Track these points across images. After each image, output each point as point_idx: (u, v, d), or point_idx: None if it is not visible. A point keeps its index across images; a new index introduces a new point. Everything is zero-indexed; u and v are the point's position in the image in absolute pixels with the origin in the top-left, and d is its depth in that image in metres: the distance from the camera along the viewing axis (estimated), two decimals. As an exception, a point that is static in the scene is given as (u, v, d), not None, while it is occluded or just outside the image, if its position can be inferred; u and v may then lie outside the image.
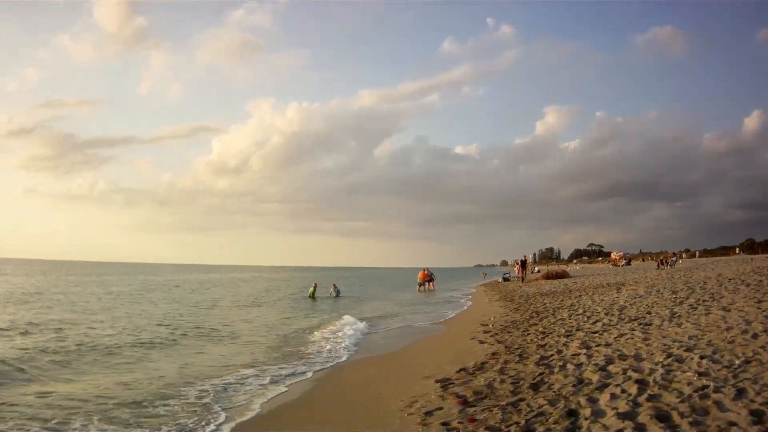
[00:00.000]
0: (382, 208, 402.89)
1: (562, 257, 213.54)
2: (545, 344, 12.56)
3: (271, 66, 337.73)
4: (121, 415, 8.26)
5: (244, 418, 8.35)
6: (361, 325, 21.55)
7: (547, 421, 6.47)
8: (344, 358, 14.08)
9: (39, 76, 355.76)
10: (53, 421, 7.85)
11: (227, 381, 10.93)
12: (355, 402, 9.01)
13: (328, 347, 15.76)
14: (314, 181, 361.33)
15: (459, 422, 6.76)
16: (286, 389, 10.39)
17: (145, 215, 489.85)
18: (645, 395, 7.18)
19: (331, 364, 13.14)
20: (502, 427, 6.39)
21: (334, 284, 43.17)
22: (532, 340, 13.42)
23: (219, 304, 33.89)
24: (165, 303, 33.12)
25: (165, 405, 9.04)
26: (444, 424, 6.76)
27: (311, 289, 40.91)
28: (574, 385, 8.17)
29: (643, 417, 6.34)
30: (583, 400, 7.23)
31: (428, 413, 7.38)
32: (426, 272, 49.97)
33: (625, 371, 8.85)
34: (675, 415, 6.31)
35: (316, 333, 19.06)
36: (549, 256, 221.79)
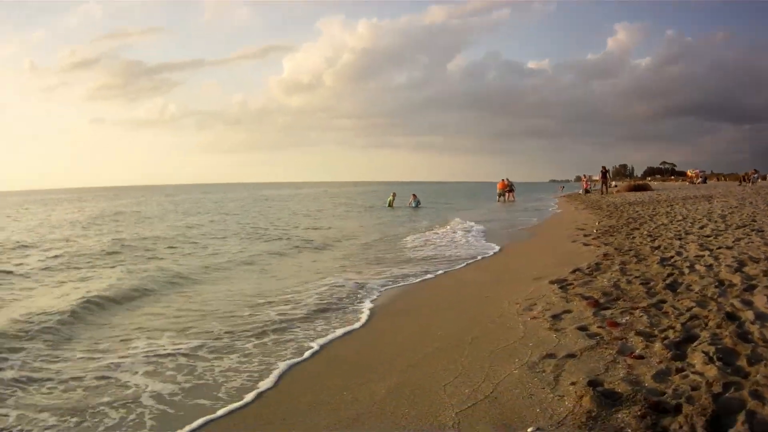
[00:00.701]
0: (455, 123, 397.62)
1: (635, 174, 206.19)
2: (658, 246, 11.32)
3: None
4: (212, 328, 7.45)
5: (355, 325, 7.41)
6: (471, 225, 21.26)
7: (706, 325, 5.37)
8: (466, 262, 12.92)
9: (100, 8, 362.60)
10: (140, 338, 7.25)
11: (335, 284, 10.21)
12: (467, 306, 8.01)
13: (427, 252, 14.85)
14: (387, 96, 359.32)
15: (599, 327, 5.65)
16: (378, 295, 9.48)
17: (217, 136, 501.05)
18: (805, 300, 6.04)
19: (436, 271, 11.84)
20: (655, 332, 5.30)
21: (414, 194, 41.86)
22: (641, 243, 12.18)
23: (306, 215, 33.99)
24: (256, 216, 33.56)
25: (272, 306, 8.51)
26: (581, 329, 5.70)
27: (390, 199, 40.35)
28: (716, 287, 7.02)
29: (819, 323, 5.22)
30: (736, 303, 6.10)
31: (555, 317, 6.31)
32: (505, 182, 48.07)
33: (765, 273, 7.69)
34: None
35: (409, 237, 18.47)
36: (623, 172, 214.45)
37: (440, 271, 11.66)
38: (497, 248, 14.90)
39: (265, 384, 5.28)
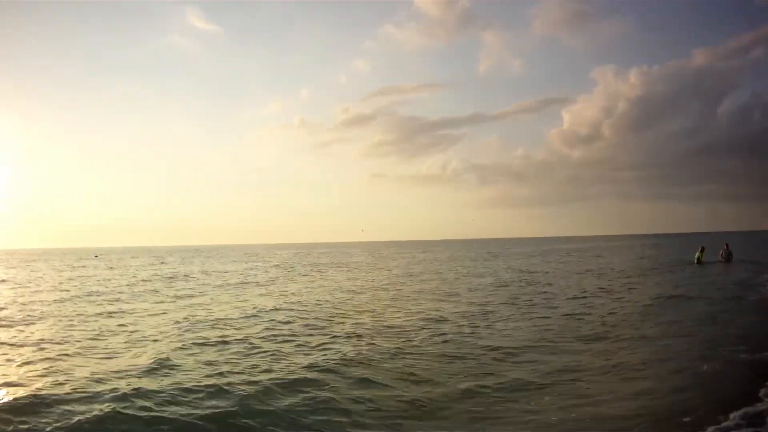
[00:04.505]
0: (728, 170, 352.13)
1: None
2: None
3: (603, 32, 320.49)
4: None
5: None
6: None
7: None
8: None
9: (370, 66, 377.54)
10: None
11: None
12: None
13: None
14: (662, 145, 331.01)
15: None
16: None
17: (500, 191, 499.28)
18: None
19: None
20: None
21: (727, 244, 37.03)
22: None
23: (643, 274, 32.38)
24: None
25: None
26: None
27: (698, 254, 35.99)
28: None
29: None
30: None
31: None
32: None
33: None
34: None
35: None
36: None
37: None
38: None
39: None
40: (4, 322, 15.86)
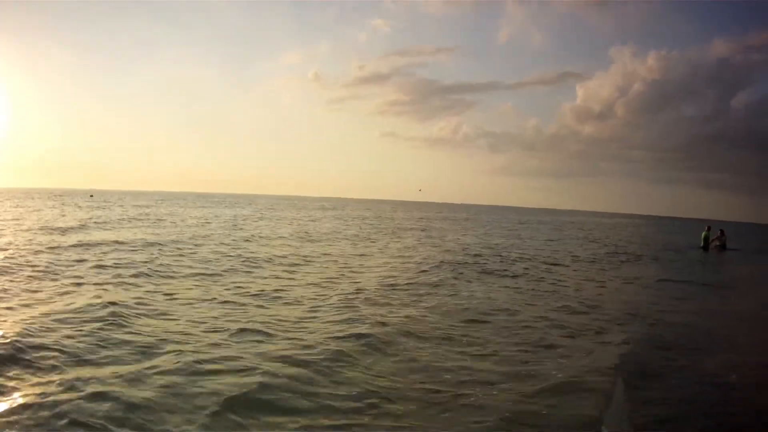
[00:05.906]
0: (740, 162, 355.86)
1: None
2: None
3: (628, 12, 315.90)
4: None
5: None
6: None
7: None
8: None
9: (389, 26, 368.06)
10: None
11: None
12: None
13: None
14: (675, 130, 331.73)
15: None
16: None
17: (511, 159, 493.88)
18: None
19: None
20: None
21: (722, 230, 34.72)
22: None
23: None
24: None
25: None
26: None
27: (705, 233, 33.86)
28: None
29: None
30: None
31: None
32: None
33: None
34: None
35: None
36: None
37: None
38: None
39: None
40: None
